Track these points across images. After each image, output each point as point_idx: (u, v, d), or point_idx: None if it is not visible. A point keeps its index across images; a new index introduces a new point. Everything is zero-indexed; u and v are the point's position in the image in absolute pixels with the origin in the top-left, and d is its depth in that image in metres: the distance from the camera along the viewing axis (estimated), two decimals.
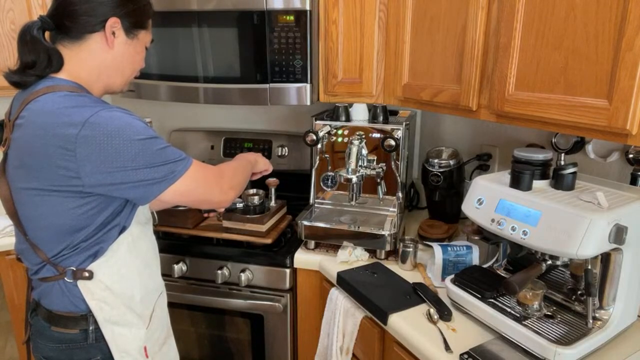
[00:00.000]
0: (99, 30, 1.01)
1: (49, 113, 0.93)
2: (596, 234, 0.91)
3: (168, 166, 0.98)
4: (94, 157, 0.92)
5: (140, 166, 0.95)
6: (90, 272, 1.02)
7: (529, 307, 1.07)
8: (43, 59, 0.99)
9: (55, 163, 0.92)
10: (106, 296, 1.04)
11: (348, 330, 1.35)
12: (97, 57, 1.03)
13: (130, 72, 1.11)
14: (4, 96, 1.84)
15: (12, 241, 1.66)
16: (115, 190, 0.96)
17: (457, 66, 1.28)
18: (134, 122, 0.96)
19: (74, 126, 0.91)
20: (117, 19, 1.02)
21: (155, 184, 0.97)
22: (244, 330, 1.70)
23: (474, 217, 1.13)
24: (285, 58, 1.57)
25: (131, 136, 0.94)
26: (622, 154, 1.28)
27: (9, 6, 1.75)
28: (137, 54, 1.11)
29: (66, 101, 0.94)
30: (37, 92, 0.97)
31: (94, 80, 1.05)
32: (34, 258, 1.04)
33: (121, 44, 1.05)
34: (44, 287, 1.05)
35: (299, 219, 1.60)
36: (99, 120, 0.91)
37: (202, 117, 2.30)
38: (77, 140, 0.90)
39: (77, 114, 0.92)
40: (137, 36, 1.08)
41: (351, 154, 1.51)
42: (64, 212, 0.97)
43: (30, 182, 0.96)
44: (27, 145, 0.95)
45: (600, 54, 0.91)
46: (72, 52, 1.02)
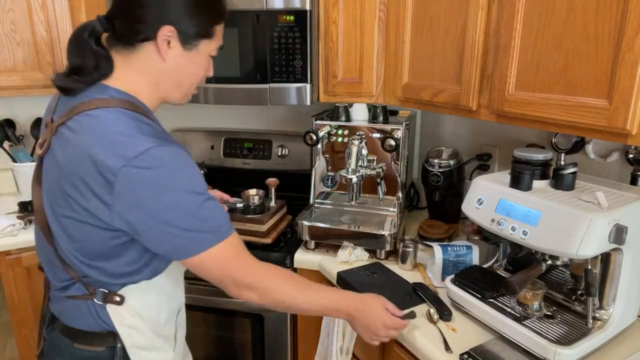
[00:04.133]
0: (152, 39, 0.90)
1: (98, 134, 0.84)
2: (596, 234, 0.91)
3: (200, 233, 0.88)
4: (129, 197, 0.83)
5: (173, 222, 0.85)
6: (121, 297, 0.94)
7: (529, 307, 1.07)
8: (89, 63, 0.89)
9: (91, 189, 0.84)
10: (136, 322, 0.97)
11: (348, 330, 1.35)
12: (151, 68, 0.92)
13: (188, 84, 0.99)
14: (4, 96, 1.84)
15: (12, 241, 1.69)
16: (139, 236, 0.88)
17: (457, 66, 1.28)
18: (188, 168, 0.86)
19: (121, 158, 0.82)
20: (172, 27, 0.89)
21: (184, 247, 0.88)
22: (244, 330, 1.70)
23: (474, 217, 1.13)
24: (285, 58, 1.57)
25: (177, 185, 0.85)
26: (622, 154, 1.28)
27: (9, 6, 1.75)
28: (197, 66, 0.97)
29: (120, 125, 0.85)
30: (90, 104, 0.88)
31: (148, 92, 0.95)
32: (62, 275, 0.96)
33: (176, 56, 0.92)
34: (69, 304, 0.97)
35: (299, 219, 1.60)
36: (149, 158, 0.82)
37: (202, 117, 2.30)
38: (118, 174, 0.82)
39: (128, 145, 0.83)
40: (196, 47, 0.94)
41: (351, 154, 1.51)
42: (96, 241, 0.90)
43: (64, 202, 0.89)
44: (68, 163, 0.87)
45: (600, 54, 0.91)
46: (124, 59, 0.91)
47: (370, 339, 1.07)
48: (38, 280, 1.75)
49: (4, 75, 1.79)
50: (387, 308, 1.07)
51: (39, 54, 1.82)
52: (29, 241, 1.71)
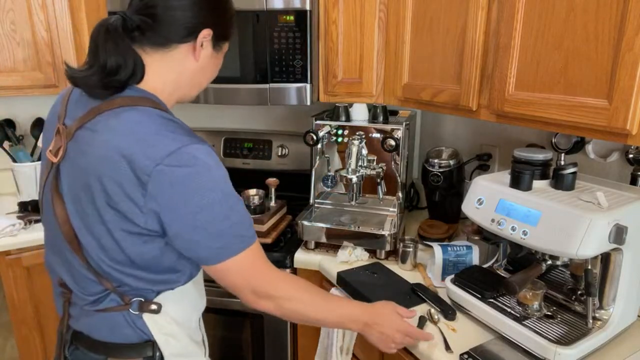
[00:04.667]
0: (190, 41, 0.90)
1: (127, 134, 0.82)
2: (596, 234, 0.91)
3: (229, 238, 0.86)
4: (163, 197, 0.81)
5: (205, 223, 0.83)
6: (158, 304, 0.92)
7: (529, 307, 1.07)
8: (129, 65, 0.86)
9: (124, 191, 0.82)
10: (173, 329, 0.95)
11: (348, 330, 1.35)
12: (179, 69, 0.92)
13: (204, 84, 1.01)
14: (4, 96, 1.84)
15: (12, 241, 1.68)
16: (171, 239, 0.86)
17: (457, 66, 1.28)
18: (217, 168, 0.84)
19: (154, 157, 0.80)
20: (210, 30, 0.91)
21: (212, 251, 0.86)
22: (244, 330, 1.70)
23: (474, 217, 1.13)
24: (285, 58, 1.57)
25: (210, 184, 0.83)
26: (622, 154, 1.28)
27: (9, 6, 1.75)
28: (216, 66, 1.01)
29: (150, 124, 0.83)
30: (112, 103, 0.85)
31: (170, 92, 0.93)
32: (95, 287, 0.91)
33: (207, 57, 0.94)
34: (99, 317, 0.93)
35: (299, 219, 1.60)
36: (181, 157, 0.80)
37: (202, 117, 2.31)
38: (152, 173, 0.80)
39: (160, 144, 0.81)
40: (222, 48, 0.98)
41: (351, 154, 1.51)
42: (132, 247, 0.87)
43: (93, 210, 0.85)
44: (94, 165, 0.83)
45: (600, 54, 0.91)
46: (152, 59, 0.89)
47: (387, 348, 1.05)
48: (38, 280, 1.75)
49: (4, 75, 1.79)
50: (398, 312, 1.07)
51: (39, 54, 1.82)
52: (29, 241, 1.71)
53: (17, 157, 2.03)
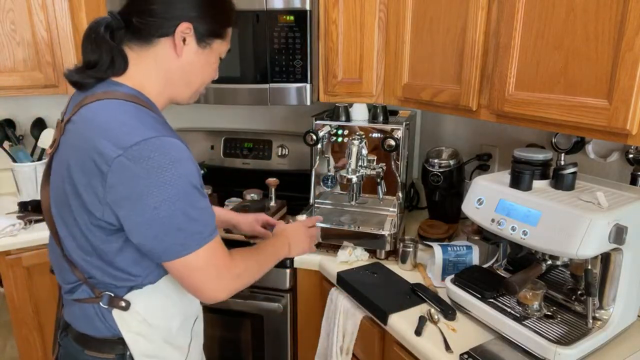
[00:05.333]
0: (169, 35, 0.90)
1: (97, 124, 0.83)
2: (596, 234, 0.91)
3: (186, 235, 0.85)
4: (122, 188, 0.80)
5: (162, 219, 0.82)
6: (127, 302, 0.92)
7: (529, 307, 1.07)
8: (106, 59, 0.89)
9: (87, 181, 0.83)
10: (142, 329, 0.94)
11: (348, 330, 1.35)
12: (163, 65, 0.93)
13: (198, 84, 1.00)
14: (4, 96, 1.84)
15: (12, 241, 1.69)
16: (128, 231, 0.85)
17: (457, 66, 1.28)
18: (184, 162, 0.83)
19: (116, 147, 0.79)
20: (190, 24, 0.90)
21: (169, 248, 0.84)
22: (244, 330, 1.70)
23: (474, 217, 1.13)
24: (285, 58, 1.57)
25: (171, 179, 0.81)
26: (622, 154, 1.28)
27: (9, 6, 1.75)
28: (208, 65, 0.99)
29: (119, 114, 0.84)
30: (93, 96, 0.87)
31: (157, 89, 0.94)
32: (70, 276, 0.95)
33: (190, 53, 0.93)
34: (77, 308, 0.96)
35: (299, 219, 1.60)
36: (144, 150, 0.79)
37: (202, 117, 2.31)
38: (112, 164, 0.79)
39: (125, 134, 0.81)
40: (210, 45, 0.96)
41: (351, 154, 1.51)
42: (95, 238, 0.88)
43: (65, 198, 0.87)
44: (69, 154, 0.86)
45: (600, 54, 0.91)
46: (138, 56, 0.91)
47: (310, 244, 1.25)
48: (38, 280, 1.75)
49: (4, 75, 1.79)
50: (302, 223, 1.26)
51: (39, 54, 1.82)
52: (29, 241, 1.71)
53: (17, 157, 2.03)
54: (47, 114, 2.19)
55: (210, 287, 0.91)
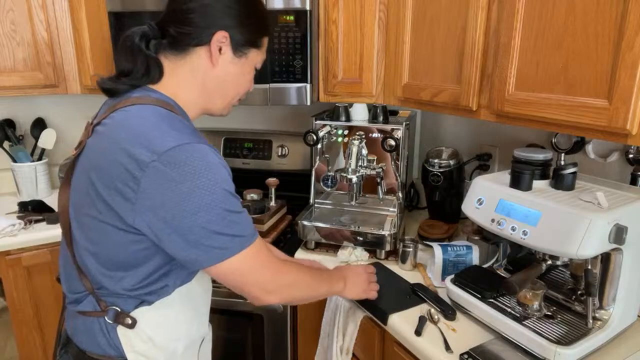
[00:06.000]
0: (205, 44, 0.90)
1: (129, 128, 0.82)
2: (596, 234, 0.91)
3: (228, 238, 0.84)
4: (156, 194, 0.79)
5: (202, 224, 0.81)
6: (133, 319, 0.89)
7: (529, 307, 1.07)
8: (140, 68, 0.89)
9: (115, 185, 0.81)
10: (147, 349, 0.91)
11: (348, 330, 1.35)
12: (199, 75, 0.92)
13: (233, 94, 0.99)
14: (4, 96, 1.84)
15: (12, 241, 1.69)
16: (162, 240, 0.83)
17: (457, 66, 1.28)
18: (218, 167, 0.82)
19: (150, 153, 0.78)
20: (227, 33, 0.90)
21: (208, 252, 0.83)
22: (244, 330, 1.70)
23: (474, 217, 1.13)
24: (285, 58, 1.57)
25: (208, 184, 0.80)
26: (622, 154, 1.28)
27: (9, 6, 1.75)
28: (244, 75, 0.98)
29: (152, 120, 0.83)
30: (127, 101, 0.87)
31: (191, 99, 0.94)
32: (77, 285, 0.92)
33: (226, 63, 0.93)
34: (81, 322, 0.93)
35: (299, 219, 1.60)
36: (179, 156, 0.78)
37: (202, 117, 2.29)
38: (147, 169, 0.78)
39: (159, 139, 0.79)
40: (246, 55, 0.95)
41: (351, 154, 1.51)
42: (115, 244, 0.85)
43: (87, 199, 0.85)
44: (96, 157, 0.85)
45: (600, 54, 0.91)
46: (174, 65, 0.91)
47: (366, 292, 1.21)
48: (38, 280, 1.75)
49: (4, 75, 1.79)
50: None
51: (39, 54, 1.82)
52: (29, 241, 1.71)
53: (17, 157, 2.03)
54: (47, 114, 2.19)
55: (260, 288, 0.90)
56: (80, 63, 1.87)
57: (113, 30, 1.67)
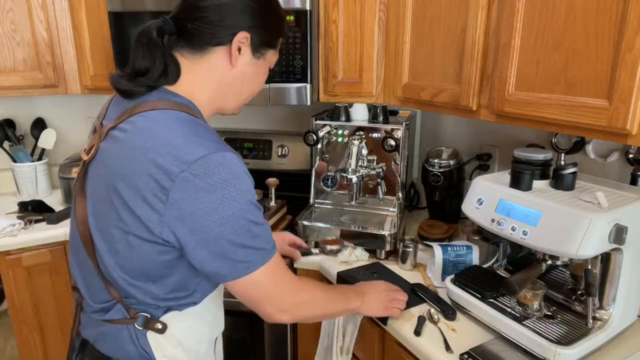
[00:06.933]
0: (225, 44, 0.87)
1: (155, 136, 0.79)
2: (596, 234, 0.91)
3: (252, 251, 0.82)
4: (185, 205, 0.77)
5: (228, 236, 0.79)
6: (164, 324, 0.88)
7: (529, 307, 1.07)
8: (158, 67, 0.85)
9: (142, 195, 0.78)
10: (177, 353, 0.91)
11: (348, 330, 1.35)
12: (216, 74, 0.89)
13: (247, 94, 0.98)
14: (4, 96, 1.84)
15: (12, 241, 1.69)
16: (188, 251, 0.81)
17: (457, 66, 1.28)
18: (244, 177, 0.81)
19: (180, 162, 0.76)
20: (247, 34, 0.87)
21: (234, 265, 0.82)
22: (244, 330, 1.70)
23: (474, 217, 1.13)
24: (285, 58, 1.57)
25: (235, 195, 0.79)
26: (622, 154, 1.28)
27: (9, 6, 1.75)
28: (259, 76, 0.97)
29: (178, 127, 0.80)
30: (145, 105, 0.83)
31: (206, 99, 0.91)
32: (104, 295, 0.89)
33: (244, 63, 0.91)
34: (107, 329, 0.90)
35: (299, 219, 1.60)
36: (208, 165, 0.77)
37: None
38: (176, 179, 0.76)
39: (187, 149, 0.77)
40: (264, 56, 0.93)
41: (351, 154, 1.51)
42: (143, 256, 0.83)
43: (111, 210, 0.82)
44: (118, 166, 0.81)
45: (600, 54, 0.91)
46: (190, 63, 0.88)
47: (390, 307, 1.14)
48: (38, 280, 1.75)
49: (4, 75, 1.79)
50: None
51: (39, 54, 1.82)
52: (29, 241, 1.71)
53: (17, 157, 2.03)
54: (47, 114, 2.19)
55: (275, 306, 0.89)
56: (80, 63, 1.87)
57: (113, 30, 1.67)
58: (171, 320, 0.90)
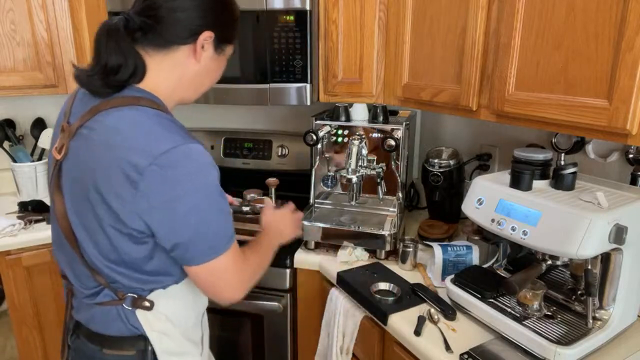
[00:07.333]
0: (190, 43, 0.91)
1: (123, 133, 0.83)
2: (596, 234, 0.91)
3: (216, 239, 0.88)
4: (154, 196, 0.82)
5: (194, 224, 0.84)
6: (151, 302, 0.94)
7: (529, 307, 1.07)
8: (130, 64, 0.87)
9: (115, 190, 0.83)
10: (167, 327, 0.96)
11: (348, 330, 1.35)
12: (180, 70, 0.93)
13: (207, 86, 1.03)
14: (4, 96, 1.84)
15: (12, 241, 1.69)
16: (158, 237, 0.86)
17: (457, 66, 1.28)
18: (209, 168, 0.85)
19: (147, 156, 0.80)
20: (212, 32, 0.92)
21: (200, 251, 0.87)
22: (244, 330, 1.70)
23: (474, 217, 1.13)
24: (285, 58, 1.57)
25: (201, 185, 0.84)
26: (622, 154, 1.28)
27: (9, 6, 1.75)
28: (219, 69, 1.03)
29: (145, 123, 0.84)
30: (111, 102, 0.86)
31: (169, 93, 0.95)
32: (90, 281, 0.94)
33: (207, 59, 0.96)
34: (97, 311, 0.96)
35: None
36: (175, 157, 0.81)
37: (202, 117, 2.30)
38: (144, 172, 0.80)
39: (154, 143, 0.81)
40: (224, 51, 0.99)
41: (351, 154, 1.51)
42: (119, 246, 0.88)
43: (88, 206, 0.87)
44: (90, 163, 0.85)
45: (600, 54, 0.91)
46: (154, 60, 0.91)
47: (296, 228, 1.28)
48: (38, 280, 1.75)
49: (4, 75, 1.79)
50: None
51: (39, 54, 1.82)
52: (29, 241, 1.71)
53: (17, 157, 2.03)
54: (47, 114, 2.19)
55: (232, 289, 0.94)
56: (80, 63, 1.87)
57: None
58: (157, 298, 0.95)
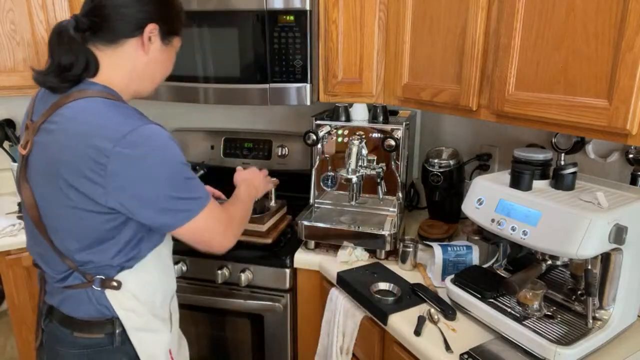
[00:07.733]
0: (137, 36, 0.99)
1: (84, 122, 0.91)
2: (596, 234, 0.91)
3: (190, 201, 0.97)
4: (124, 176, 0.89)
5: (167, 193, 0.93)
6: (118, 282, 1.00)
7: (529, 307, 1.07)
8: (81, 61, 0.96)
9: (84, 174, 0.90)
10: (134, 305, 1.03)
11: (348, 330, 1.35)
12: (131, 63, 1.01)
13: (160, 77, 1.10)
14: (4, 96, 1.84)
15: (12, 241, 1.69)
16: (135, 213, 0.94)
17: (457, 66, 1.28)
18: (171, 143, 0.94)
19: (110, 140, 0.88)
20: (156, 25, 1.00)
21: (177, 215, 0.96)
22: (244, 330, 1.70)
23: (474, 217, 1.13)
24: (285, 58, 1.57)
25: (166, 159, 0.92)
26: (622, 154, 1.28)
27: (9, 6, 1.75)
28: (169, 60, 1.10)
29: (103, 110, 0.92)
30: (69, 97, 0.94)
31: (125, 85, 1.02)
32: (60, 266, 1.01)
33: (156, 50, 1.03)
34: (67, 294, 1.02)
35: (299, 219, 1.60)
36: (136, 137, 0.89)
37: (202, 117, 2.30)
38: (110, 154, 0.88)
39: (115, 126, 0.90)
40: (171, 42, 1.07)
41: (351, 154, 1.51)
42: (90, 226, 0.95)
43: (58, 193, 0.94)
44: (57, 154, 0.92)
45: (600, 54, 0.91)
46: (105, 55, 0.98)
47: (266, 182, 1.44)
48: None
49: (4, 75, 1.79)
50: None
51: (39, 54, 1.82)
52: None
53: (17, 157, 2.03)
54: None
55: (220, 239, 1.05)
56: None
57: None
58: (125, 277, 1.01)
